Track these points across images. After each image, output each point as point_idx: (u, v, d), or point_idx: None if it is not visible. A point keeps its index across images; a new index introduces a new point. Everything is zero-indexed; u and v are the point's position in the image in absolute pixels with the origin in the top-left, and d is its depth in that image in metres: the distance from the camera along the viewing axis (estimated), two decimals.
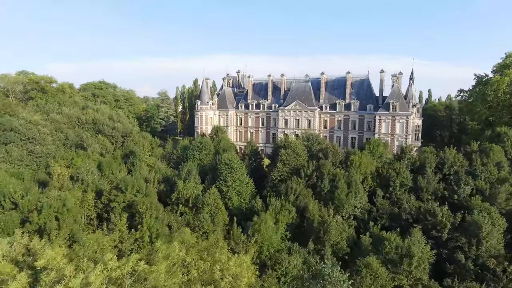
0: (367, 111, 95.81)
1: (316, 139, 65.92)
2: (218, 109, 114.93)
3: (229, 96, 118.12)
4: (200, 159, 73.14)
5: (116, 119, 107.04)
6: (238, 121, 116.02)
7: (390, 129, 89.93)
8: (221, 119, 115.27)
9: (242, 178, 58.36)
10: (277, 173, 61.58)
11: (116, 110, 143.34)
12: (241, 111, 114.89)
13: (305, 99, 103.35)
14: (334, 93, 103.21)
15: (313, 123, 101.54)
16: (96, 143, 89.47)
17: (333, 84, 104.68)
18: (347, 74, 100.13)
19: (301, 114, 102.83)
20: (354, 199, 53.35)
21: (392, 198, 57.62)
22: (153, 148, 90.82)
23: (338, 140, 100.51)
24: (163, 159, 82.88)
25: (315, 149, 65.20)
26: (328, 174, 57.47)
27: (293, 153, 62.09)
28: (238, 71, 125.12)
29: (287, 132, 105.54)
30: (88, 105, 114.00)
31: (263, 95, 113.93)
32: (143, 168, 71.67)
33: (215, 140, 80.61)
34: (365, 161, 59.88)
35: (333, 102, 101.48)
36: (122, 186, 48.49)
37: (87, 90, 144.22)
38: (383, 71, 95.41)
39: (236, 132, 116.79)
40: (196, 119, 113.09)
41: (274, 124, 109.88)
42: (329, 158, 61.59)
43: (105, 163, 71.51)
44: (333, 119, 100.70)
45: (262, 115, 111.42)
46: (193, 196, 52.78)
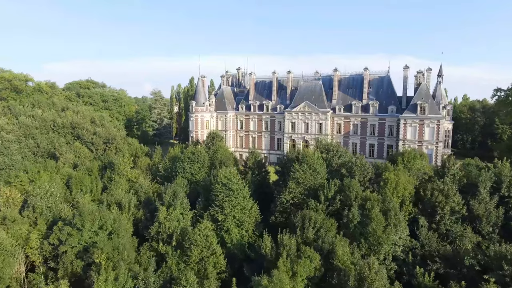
0: (389, 114, 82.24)
1: (337, 150, 52.29)
2: (215, 111, 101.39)
3: (228, 96, 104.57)
4: (192, 173, 59.70)
5: (99, 123, 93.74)
6: (238, 124, 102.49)
7: (418, 135, 76.34)
8: (219, 122, 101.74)
9: (244, 203, 44.87)
10: (288, 195, 48.08)
11: (104, 112, 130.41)
12: (241, 113, 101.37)
13: (315, 99, 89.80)
14: (349, 93, 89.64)
15: (325, 127, 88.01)
16: (71, 151, 76.11)
17: (348, 83, 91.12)
18: (364, 70, 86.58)
19: (311, 116, 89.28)
20: (393, 233, 39.88)
21: (440, 229, 44.17)
22: (139, 158, 77.42)
23: (354, 147, 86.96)
24: (148, 172, 69.48)
25: (336, 163, 51.62)
26: (356, 198, 43.96)
27: (309, 169, 48.56)
28: (239, 68, 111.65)
29: (295, 138, 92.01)
30: (68, 106, 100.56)
31: (266, 95, 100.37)
32: (121, 184, 58.19)
33: (211, 149, 67.10)
34: (403, 180, 46.36)
35: (348, 103, 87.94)
36: (77, 221, 34.96)
37: (71, 89, 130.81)
38: (407, 66, 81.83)
39: (236, 137, 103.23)
40: (190, 122, 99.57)
41: (279, 128, 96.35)
42: (355, 175, 48.00)
43: (74, 179, 58.16)
44: (348, 123, 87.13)
45: (266, 117, 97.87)
46: (177, 231, 39.31)
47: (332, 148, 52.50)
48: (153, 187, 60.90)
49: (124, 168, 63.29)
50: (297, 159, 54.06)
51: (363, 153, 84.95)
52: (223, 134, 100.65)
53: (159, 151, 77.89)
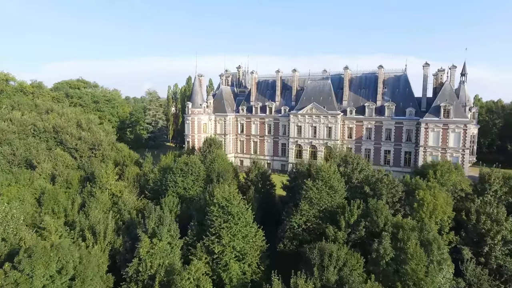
0: (407, 117, 73.66)
1: (357, 163, 43.64)
2: (214, 113, 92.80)
3: (227, 96, 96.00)
4: (185, 187, 51.15)
5: (86, 126, 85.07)
6: (238, 127, 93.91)
7: (441, 141, 67.75)
8: (217, 126, 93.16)
9: (246, 230, 36.31)
10: (300, 219, 39.52)
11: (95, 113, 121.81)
12: (242, 116, 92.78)
13: (324, 100, 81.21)
14: (361, 93, 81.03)
15: (335, 132, 79.40)
16: (51, 159, 67.54)
17: (360, 82, 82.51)
18: (378, 68, 78.02)
19: (319, 119, 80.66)
20: (437, 273, 31.34)
21: (489, 263, 35.68)
22: (127, 166, 68.84)
23: (367, 153, 78.37)
24: (137, 184, 60.90)
25: (357, 178, 42.98)
26: (386, 225, 35.44)
27: (325, 187, 39.98)
28: (239, 67, 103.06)
29: (301, 143, 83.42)
30: (53, 108, 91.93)
31: (269, 96, 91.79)
32: (102, 201, 49.68)
33: (207, 158, 58.52)
34: (441, 201, 37.81)
35: (360, 104, 79.36)
36: (25, 266, 26.36)
37: (60, 90, 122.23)
38: (427, 64, 73.19)
39: (236, 142, 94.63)
40: (186, 125, 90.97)
41: (283, 132, 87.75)
42: (382, 194, 39.41)
43: (47, 195, 49.57)
44: (360, 127, 78.52)
45: (269, 120, 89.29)
46: (161, 271, 30.75)
47: (352, 159, 43.88)
48: (140, 204, 52.32)
49: (107, 181, 54.72)
50: (309, 173, 45.55)
51: (378, 161, 76.54)
52: (222, 138, 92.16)
53: (150, 160, 69.35)
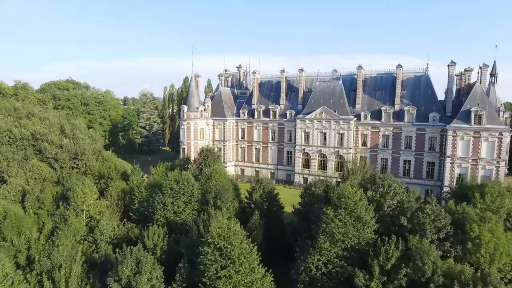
0: (430, 123, 65.09)
1: (389, 185, 34.81)
2: (212, 117, 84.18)
3: (227, 99, 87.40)
4: (176, 211, 42.54)
5: (70, 133, 76.52)
6: (239, 133, 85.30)
7: (472, 151, 59.14)
8: (216, 131, 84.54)
9: (250, 278, 27.69)
10: (318, 260, 30.88)
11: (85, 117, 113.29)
12: (243, 120, 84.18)
13: (334, 104, 72.61)
14: (376, 96, 72.46)
15: (347, 139, 70.82)
16: (24, 173, 58.98)
17: (375, 83, 73.93)
18: (397, 68, 69.42)
19: (330, 125, 72.05)
20: None
21: None
22: (112, 180, 60.31)
23: (384, 163, 69.79)
24: (121, 202, 52.28)
25: (389, 206, 34.26)
26: (434, 274, 26.84)
27: (350, 218, 31.36)
28: (240, 66, 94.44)
29: (309, 151, 74.80)
30: (34, 112, 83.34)
31: (273, 98, 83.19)
32: (75, 229, 41.16)
33: (203, 173, 49.84)
34: (503, 240, 29.19)
35: (376, 108, 70.83)
36: None
37: (47, 91, 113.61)
38: (454, 63, 64.58)
39: (237, 149, 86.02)
40: (181, 131, 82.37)
41: (289, 138, 79.15)
42: (425, 230, 30.72)
43: (9, 221, 41.02)
44: (376, 133, 69.92)
45: (273, 125, 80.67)
46: None
47: (382, 181, 35.13)
48: (122, 231, 43.72)
49: (83, 202, 46.13)
50: (327, 197, 36.91)
51: (396, 172, 67.97)
52: (221, 145, 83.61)
53: (138, 172, 60.67)
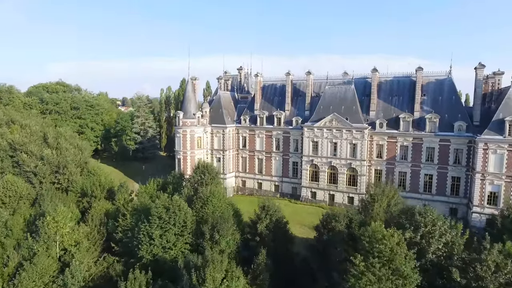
0: (455, 133, 57.80)
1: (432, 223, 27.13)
2: (210, 125, 76.86)
3: (227, 104, 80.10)
4: (164, 246, 35.28)
5: (53, 142, 69.33)
6: (240, 141, 77.98)
7: (506, 166, 51.80)
8: (214, 139, 77.20)
9: None
10: None
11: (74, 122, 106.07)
12: (244, 127, 76.88)
13: (346, 110, 65.35)
14: (393, 102, 65.16)
15: (360, 150, 63.53)
16: None
17: (391, 88, 66.64)
18: (416, 71, 62.09)
19: (341, 134, 64.77)
20: None
21: None
22: (96, 199, 53.12)
23: (402, 177, 62.51)
24: (103, 228, 44.98)
25: (434, 252, 26.84)
26: None
27: (384, 268, 24.03)
28: (240, 68, 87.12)
29: (317, 162, 67.50)
30: (15, 119, 76.10)
31: (277, 103, 75.89)
32: (42, 268, 33.93)
33: (198, 197, 42.47)
34: None
35: (392, 116, 63.57)
36: None
37: (34, 94, 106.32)
38: (482, 65, 57.19)
39: (238, 159, 78.69)
40: (176, 139, 75.06)
41: (295, 148, 71.86)
42: None
43: None
44: (393, 144, 62.61)
45: (277, 134, 73.36)
46: None
47: (423, 219, 27.54)
48: (99, 269, 36.48)
49: (56, 231, 38.86)
50: (351, 235, 29.60)
51: (416, 188, 60.72)
52: (220, 154, 76.33)
53: (125, 190, 53.39)
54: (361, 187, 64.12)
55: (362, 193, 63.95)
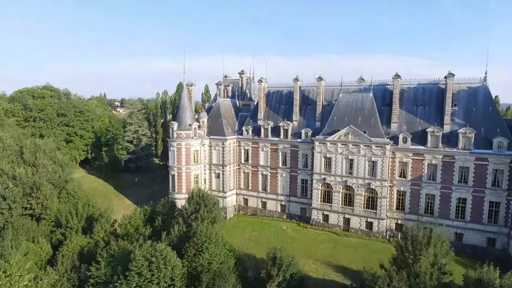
0: (495, 151, 49.34)
1: None
2: (208, 136, 68.43)
3: (227, 113, 71.66)
4: None
5: (29, 158, 60.97)
6: (242, 155, 69.56)
7: None
8: (213, 153, 68.74)
9: None
10: None
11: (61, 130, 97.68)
12: (247, 139, 68.46)
13: (364, 122, 56.94)
14: (418, 113, 56.72)
15: (381, 168, 55.09)
16: None
17: (415, 96, 58.18)
18: (446, 78, 53.60)
19: (358, 150, 56.33)
20: None
21: None
22: (72, 231, 44.81)
23: (429, 200, 54.06)
24: (74, 275, 36.53)
25: None
26: None
27: None
28: (242, 72, 78.73)
29: (330, 181, 59.07)
30: None
31: (284, 113, 67.52)
32: None
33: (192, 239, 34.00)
34: None
35: (418, 129, 55.18)
36: None
37: (17, 100, 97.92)
38: None
39: (239, 174, 70.28)
40: (170, 153, 66.61)
41: (304, 163, 63.47)
42: None
43: None
44: (419, 162, 54.14)
45: (284, 147, 64.92)
46: None
47: None
48: None
49: (10, 286, 30.42)
50: None
51: (445, 213, 52.31)
52: (219, 170, 67.89)
53: (106, 221, 45.00)
54: (381, 211, 55.71)
55: (382, 218, 55.64)
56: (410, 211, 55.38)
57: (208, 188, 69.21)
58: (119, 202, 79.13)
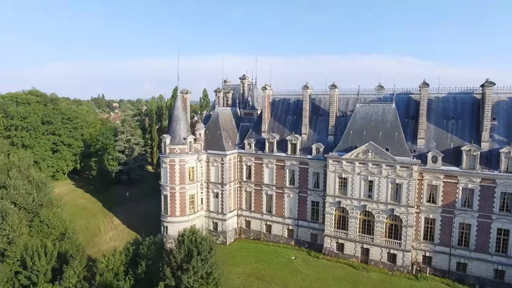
0: None
1: None
2: (206, 151, 60.49)
3: (226, 123, 63.72)
4: None
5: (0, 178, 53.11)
6: (244, 172, 61.62)
7: None
8: (211, 170, 60.76)
9: None
10: None
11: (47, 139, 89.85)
12: (249, 154, 60.53)
13: (385, 138, 49.01)
14: (448, 127, 48.77)
15: (406, 191, 47.15)
16: None
17: (445, 108, 50.23)
18: (485, 86, 45.69)
19: (379, 170, 48.40)
20: None
21: None
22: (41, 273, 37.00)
23: (464, 230, 46.12)
24: None
25: None
26: None
27: None
28: (243, 77, 70.78)
29: (346, 205, 51.14)
30: None
31: (291, 124, 59.63)
32: None
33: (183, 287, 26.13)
34: None
35: (450, 146, 47.27)
36: None
37: None
38: None
39: (240, 193, 62.36)
40: (162, 171, 58.66)
41: (315, 183, 55.56)
42: None
43: None
44: (452, 186, 46.18)
45: (292, 164, 56.98)
46: None
47: None
48: None
49: None
50: None
51: (484, 247, 44.35)
52: (218, 189, 59.99)
53: (80, 263, 37.15)
54: (407, 242, 47.78)
55: (408, 250, 47.70)
56: (440, 242, 47.46)
57: (206, 209, 61.42)
58: (107, 221, 71.19)
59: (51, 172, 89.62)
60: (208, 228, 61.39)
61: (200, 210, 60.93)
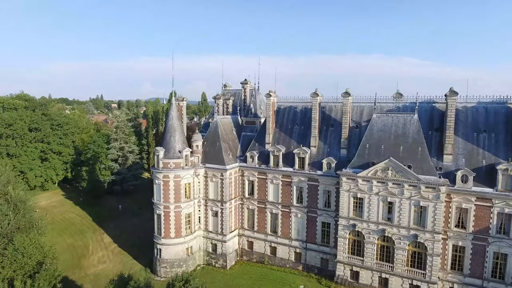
0: None
1: None
2: (203, 164, 54.51)
3: (226, 134, 57.78)
4: None
5: None
6: (246, 188, 55.66)
7: None
8: (209, 186, 54.80)
9: None
10: None
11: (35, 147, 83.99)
12: (252, 168, 54.55)
13: (407, 153, 43.08)
14: (480, 142, 42.83)
15: (432, 215, 41.22)
16: None
17: (475, 119, 44.28)
18: None
19: (401, 190, 42.47)
20: None
21: None
22: None
23: (499, 261, 40.22)
24: None
25: None
26: None
27: None
28: (245, 82, 64.81)
29: (361, 229, 45.22)
30: None
31: (299, 135, 53.66)
32: None
33: None
34: None
35: (481, 164, 41.34)
36: None
37: None
38: None
39: (242, 211, 56.44)
40: (155, 187, 52.70)
41: (326, 202, 49.63)
42: None
43: None
44: (485, 210, 40.26)
45: (299, 180, 51.00)
46: None
47: None
48: None
49: None
50: None
51: None
52: (217, 207, 54.07)
53: None
54: (432, 273, 41.88)
55: (434, 282, 41.78)
56: (471, 273, 41.56)
57: (204, 229, 55.53)
58: (97, 239, 65.30)
59: (40, 182, 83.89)
60: (206, 250, 55.52)
61: (198, 230, 55.07)
